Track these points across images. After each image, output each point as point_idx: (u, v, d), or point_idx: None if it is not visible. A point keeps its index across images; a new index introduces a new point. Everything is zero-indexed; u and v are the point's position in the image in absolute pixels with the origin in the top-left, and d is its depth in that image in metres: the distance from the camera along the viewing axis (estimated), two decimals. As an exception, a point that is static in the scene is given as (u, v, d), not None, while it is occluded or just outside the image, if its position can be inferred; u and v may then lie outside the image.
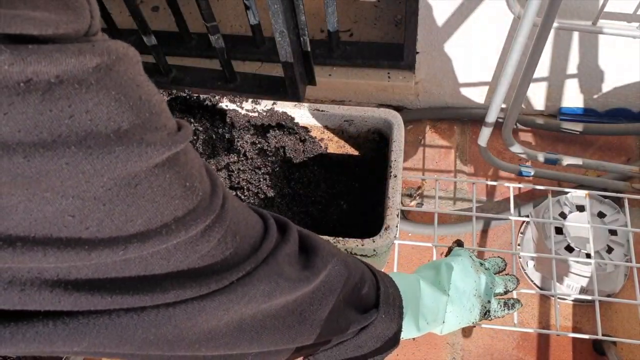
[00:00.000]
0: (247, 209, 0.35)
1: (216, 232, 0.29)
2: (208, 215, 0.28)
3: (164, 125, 0.25)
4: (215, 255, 0.30)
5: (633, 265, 0.74)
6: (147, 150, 0.24)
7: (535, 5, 0.71)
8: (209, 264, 0.29)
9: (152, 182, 0.25)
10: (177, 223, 0.26)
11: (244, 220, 0.33)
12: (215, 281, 0.29)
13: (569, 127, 1.13)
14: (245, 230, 0.32)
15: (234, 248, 0.31)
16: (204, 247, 0.28)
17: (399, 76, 1.16)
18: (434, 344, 1.01)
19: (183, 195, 0.27)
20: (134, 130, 0.23)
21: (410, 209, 1.09)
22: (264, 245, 0.33)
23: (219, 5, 1.33)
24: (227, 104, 0.69)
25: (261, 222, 0.35)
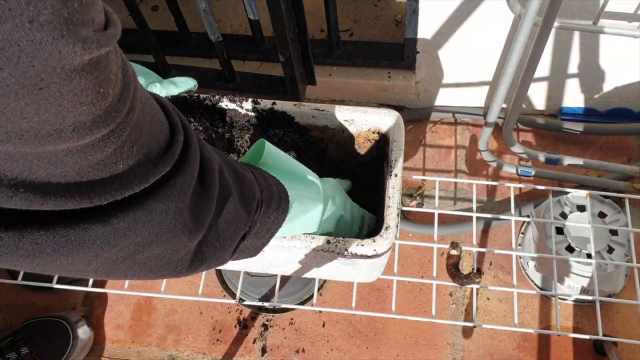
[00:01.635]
0: (157, 115, 0.31)
1: (112, 141, 0.26)
2: (109, 123, 0.25)
3: (92, 19, 0.21)
4: (107, 165, 0.27)
5: (634, 265, 0.73)
6: (64, 50, 0.20)
7: (535, 4, 0.71)
8: (97, 175, 0.26)
9: (62, 85, 0.21)
10: (75, 128, 0.23)
11: (149, 129, 0.29)
12: (99, 194, 0.26)
13: (570, 127, 1.13)
14: (146, 140, 0.29)
15: (127, 160, 0.28)
16: (96, 156, 0.25)
17: (399, 76, 1.16)
18: (434, 344, 1.01)
19: (93, 102, 0.23)
20: (54, 20, 0.19)
21: (410, 209, 1.08)
22: (158, 166, 0.30)
23: (219, 5, 1.33)
24: (227, 103, 0.69)
25: (168, 135, 0.32)
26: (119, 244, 0.29)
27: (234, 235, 0.40)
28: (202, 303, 1.08)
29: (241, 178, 0.41)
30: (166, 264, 0.35)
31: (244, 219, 0.40)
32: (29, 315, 1.06)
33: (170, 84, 0.66)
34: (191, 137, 0.34)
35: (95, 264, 0.30)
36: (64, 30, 0.20)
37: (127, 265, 0.33)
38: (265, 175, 0.47)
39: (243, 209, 0.40)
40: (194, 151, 0.33)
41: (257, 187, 0.43)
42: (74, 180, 0.26)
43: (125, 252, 0.31)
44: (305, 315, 1.06)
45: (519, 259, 1.07)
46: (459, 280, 0.71)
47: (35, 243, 0.25)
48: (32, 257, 0.26)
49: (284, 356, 1.03)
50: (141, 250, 0.32)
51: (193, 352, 1.05)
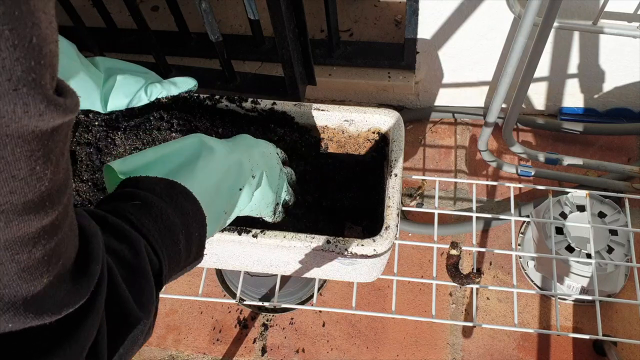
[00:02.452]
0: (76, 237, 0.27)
1: (44, 243, 0.23)
2: (43, 216, 0.22)
3: (47, 83, 0.20)
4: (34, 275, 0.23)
5: (633, 265, 0.73)
6: (4, 111, 0.19)
7: (535, 4, 0.71)
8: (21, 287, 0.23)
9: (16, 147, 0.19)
10: (3, 210, 0.20)
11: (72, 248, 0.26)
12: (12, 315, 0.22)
13: (570, 127, 1.13)
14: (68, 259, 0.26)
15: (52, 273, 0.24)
16: (24, 257, 0.22)
17: (399, 76, 1.16)
18: (434, 344, 1.01)
19: (26, 179, 0.21)
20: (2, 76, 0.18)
21: (410, 209, 1.09)
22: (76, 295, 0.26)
23: (219, 5, 1.33)
24: (227, 103, 0.69)
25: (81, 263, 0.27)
26: None
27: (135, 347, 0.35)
28: (202, 303, 1.08)
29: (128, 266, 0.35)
30: None
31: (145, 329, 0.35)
32: (29, 315, 1.06)
33: (171, 84, 0.66)
34: (104, 271, 0.30)
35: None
36: (10, 89, 0.19)
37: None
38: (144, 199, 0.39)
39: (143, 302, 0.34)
40: (103, 290, 0.29)
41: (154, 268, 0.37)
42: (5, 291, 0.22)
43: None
44: (305, 315, 1.06)
45: (519, 258, 1.07)
46: (458, 280, 0.71)
47: None
48: None
49: (284, 356, 1.03)
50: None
51: (193, 352, 1.05)
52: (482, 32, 1.01)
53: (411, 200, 1.14)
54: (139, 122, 0.63)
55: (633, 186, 1.03)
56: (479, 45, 1.04)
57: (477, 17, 0.98)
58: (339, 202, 0.72)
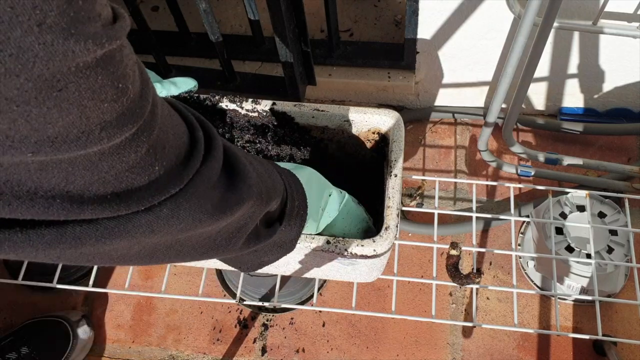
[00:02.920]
0: (175, 116, 0.32)
1: (144, 140, 0.26)
2: (136, 121, 0.25)
3: (99, 14, 0.21)
4: (144, 168, 0.27)
5: (633, 265, 0.73)
6: (76, 48, 0.20)
7: (535, 4, 0.71)
8: (135, 179, 0.26)
9: (80, 84, 0.21)
10: (102, 128, 0.23)
11: (172, 129, 0.30)
12: (136, 201, 0.27)
13: (570, 127, 1.13)
14: (173, 141, 0.29)
15: (161, 161, 0.28)
16: (131, 157, 0.25)
17: (399, 76, 1.16)
18: (434, 344, 1.01)
19: (114, 98, 0.23)
20: (61, 21, 0.20)
21: (410, 209, 1.09)
22: (190, 164, 0.30)
23: (219, 5, 1.33)
24: (227, 103, 0.69)
25: (188, 134, 0.32)
26: (162, 230, 0.30)
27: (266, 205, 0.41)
28: (203, 303, 1.08)
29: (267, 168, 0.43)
30: (207, 239, 0.36)
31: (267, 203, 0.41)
32: (29, 315, 1.06)
33: (171, 84, 0.66)
34: (209, 128, 0.34)
35: (137, 249, 0.30)
36: (72, 29, 0.20)
37: (167, 246, 0.33)
38: (292, 186, 0.48)
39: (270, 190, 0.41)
40: (217, 141, 0.34)
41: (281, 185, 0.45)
42: (112, 187, 0.25)
43: (168, 237, 0.31)
44: (305, 315, 1.06)
45: (519, 259, 1.07)
46: (458, 280, 0.71)
47: (78, 237, 0.25)
48: (74, 248, 0.26)
49: (284, 356, 1.03)
50: (183, 233, 0.32)
51: (193, 352, 1.05)
52: (482, 32, 1.01)
53: (411, 200, 1.14)
54: (139, 122, 0.63)
55: (633, 186, 1.03)
56: (479, 45, 1.04)
57: (477, 17, 0.98)
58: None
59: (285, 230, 0.46)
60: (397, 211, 0.61)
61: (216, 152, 0.33)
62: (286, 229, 0.46)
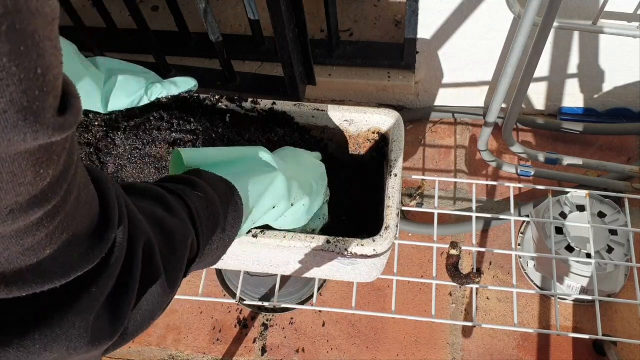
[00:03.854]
0: (93, 205, 0.29)
1: (46, 226, 0.24)
2: (44, 205, 0.24)
3: (50, 106, 0.21)
4: (36, 251, 0.25)
5: (633, 265, 0.74)
6: (15, 140, 0.20)
7: (535, 4, 0.71)
8: (25, 261, 0.25)
9: (5, 168, 0.20)
10: (11, 210, 0.22)
11: (81, 218, 0.28)
12: (19, 285, 0.25)
13: (570, 127, 1.13)
14: (77, 229, 0.27)
15: (54, 246, 0.26)
16: (28, 240, 0.24)
17: (399, 76, 1.16)
18: (434, 344, 1.01)
19: (31, 182, 0.22)
20: (10, 110, 0.19)
21: (410, 209, 1.09)
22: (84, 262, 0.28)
23: (219, 5, 1.33)
24: (227, 103, 0.69)
25: (97, 229, 0.29)
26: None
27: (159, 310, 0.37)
28: (203, 303, 1.08)
29: (171, 237, 0.38)
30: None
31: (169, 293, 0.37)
32: (30, 315, 1.06)
33: (171, 84, 0.66)
34: (123, 236, 0.31)
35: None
36: (19, 120, 0.19)
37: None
38: (203, 189, 0.42)
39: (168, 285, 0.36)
40: (120, 253, 0.31)
41: (191, 231, 0.40)
42: (1, 269, 0.24)
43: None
44: (305, 315, 1.06)
45: (519, 258, 1.07)
46: (458, 280, 0.71)
47: None
48: None
49: (284, 356, 1.03)
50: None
51: (193, 352, 1.05)
52: (482, 32, 1.01)
53: (411, 200, 1.14)
54: (139, 122, 0.63)
55: (633, 186, 1.03)
56: (479, 45, 1.04)
57: (477, 17, 0.98)
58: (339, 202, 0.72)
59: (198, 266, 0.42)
60: (397, 211, 0.61)
61: (113, 269, 0.30)
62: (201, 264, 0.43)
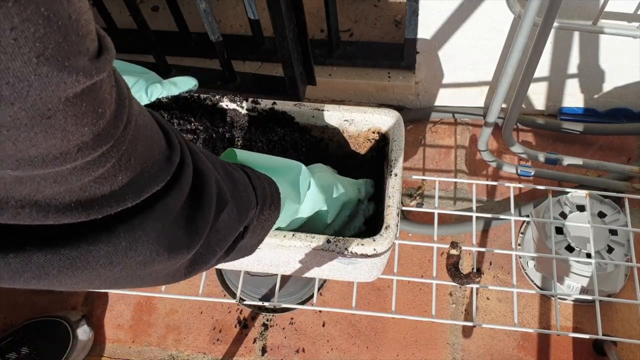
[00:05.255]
0: (153, 129, 0.32)
1: (113, 155, 0.27)
2: (108, 140, 0.26)
3: (87, 49, 0.23)
4: (107, 178, 0.28)
5: (633, 265, 0.74)
6: (68, 80, 0.22)
7: (535, 4, 0.71)
8: (98, 189, 0.27)
9: (67, 112, 0.23)
10: (79, 149, 0.25)
11: (143, 141, 0.30)
12: (95, 208, 0.28)
13: (570, 127, 1.13)
14: (142, 152, 0.30)
15: (125, 171, 0.29)
16: (98, 170, 0.27)
17: (399, 76, 1.16)
18: (434, 344, 1.01)
19: (92, 122, 0.25)
20: (57, 54, 0.21)
21: (410, 209, 1.09)
22: (153, 182, 0.31)
23: (219, 5, 1.33)
24: (227, 103, 0.69)
25: (162, 151, 0.32)
26: (121, 263, 0.31)
27: (228, 239, 0.41)
28: (203, 303, 1.08)
29: (236, 183, 0.42)
30: (165, 275, 0.37)
31: (237, 224, 0.41)
32: (29, 315, 1.06)
33: (171, 84, 0.66)
34: (186, 157, 0.35)
35: (98, 282, 0.31)
36: (65, 62, 0.21)
37: (128, 281, 0.34)
38: (258, 175, 0.48)
39: (237, 214, 0.41)
40: (188, 172, 0.34)
41: (251, 189, 0.45)
42: (77, 196, 0.27)
43: (127, 270, 0.32)
44: (305, 315, 1.06)
45: (519, 258, 1.07)
46: (458, 280, 0.71)
47: (42, 266, 0.27)
48: (37, 278, 0.27)
49: (284, 356, 1.03)
50: (142, 267, 0.33)
51: (193, 352, 1.05)
52: (482, 32, 1.01)
53: (411, 200, 1.14)
54: (139, 122, 0.63)
55: (633, 186, 1.03)
56: (479, 45, 1.04)
57: (477, 17, 0.98)
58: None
59: (245, 242, 0.46)
60: (397, 211, 0.61)
61: (183, 183, 0.34)
62: (247, 240, 0.46)
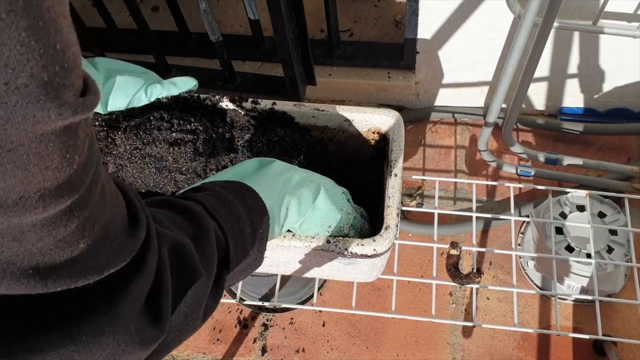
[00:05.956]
0: (118, 199, 0.30)
1: (76, 215, 0.25)
2: (73, 193, 0.24)
3: (72, 84, 0.21)
4: (69, 243, 0.25)
5: (633, 265, 0.73)
6: (38, 115, 0.20)
7: (535, 4, 0.71)
8: (58, 254, 0.25)
9: (30, 149, 0.20)
10: (40, 196, 0.22)
11: (110, 210, 0.28)
12: (54, 279, 0.25)
13: (570, 127, 1.13)
14: (107, 221, 0.27)
15: (87, 239, 0.26)
16: (60, 231, 0.24)
17: (399, 76, 1.16)
18: (434, 344, 1.01)
19: (58, 167, 0.22)
20: (31, 84, 0.19)
21: (410, 209, 1.09)
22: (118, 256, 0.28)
23: (219, 5, 1.33)
24: (227, 103, 0.69)
25: (127, 226, 0.30)
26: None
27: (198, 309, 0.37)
28: (202, 303, 1.08)
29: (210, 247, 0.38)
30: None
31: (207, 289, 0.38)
32: (30, 315, 1.06)
33: (171, 84, 0.66)
34: (152, 233, 0.32)
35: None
36: (41, 95, 0.19)
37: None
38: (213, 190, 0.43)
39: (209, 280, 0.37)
40: (153, 251, 0.32)
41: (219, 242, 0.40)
42: (35, 261, 0.24)
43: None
44: (305, 314, 1.06)
45: (519, 258, 1.07)
46: (458, 280, 0.71)
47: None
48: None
49: (284, 356, 1.03)
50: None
51: (193, 352, 1.05)
52: (482, 32, 1.01)
53: (411, 200, 1.14)
54: (139, 122, 0.63)
55: (633, 186, 1.03)
56: (479, 45, 1.04)
57: (477, 17, 0.98)
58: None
59: (231, 276, 0.43)
60: (397, 211, 0.61)
61: (149, 264, 0.31)
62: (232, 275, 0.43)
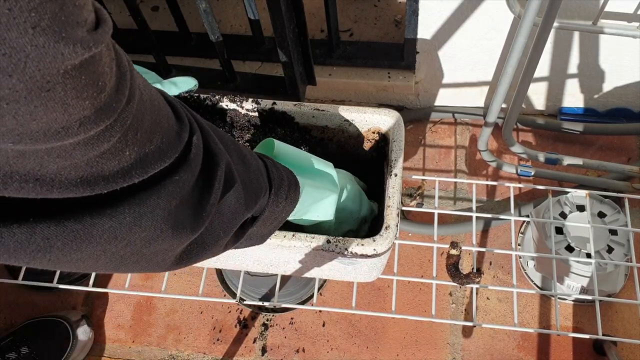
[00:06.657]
0: (159, 104, 0.32)
1: (117, 130, 0.27)
2: (112, 114, 0.26)
3: (85, 20, 0.23)
4: (114, 154, 0.28)
5: (633, 265, 0.74)
6: (65, 51, 0.21)
7: (535, 4, 0.71)
8: (105, 164, 0.28)
9: (66, 84, 0.23)
10: (81, 123, 0.24)
11: (150, 116, 0.30)
12: (100, 183, 0.28)
13: (570, 127, 1.13)
14: (149, 127, 0.30)
15: (132, 146, 0.29)
16: (103, 145, 0.27)
17: (399, 76, 1.16)
18: (434, 343, 1.01)
19: (93, 96, 0.25)
20: (54, 25, 0.21)
21: (410, 209, 1.09)
22: (160, 160, 0.31)
23: (219, 5, 1.33)
24: (227, 103, 0.69)
25: (173, 130, 0.33)
26: (126, 238, 0.31)
27: (233, 224, 0.41)
28: (203, 303, 1.08)
29: (248, 167, 0.43)
30: (170, 257, 0.37)
31: (243, 209, 0.41)
32: (29, 315, 1.06)
33: (171, 84, 0.66)
34: (196, 135, 0.35)
35: (104, 259, 0.32)
36: (62, 32, 0.21)
37: (134, 260, 0.34)
38: (277, 166, 0.48)
39: (245, 198, 0.41)
40: (198, 150, 0.34)
41: (265, 176, 0.45)
42: (82, 172, 0.27)
43: (132, 247, 0.32)
44: (305, 314, 1.06)
45: (519, 258, 1.07)
46: (458, 280, 0.71)
47: (46, 238, 0.27)
48: (43, 252, 0.27)
49: (284, 356, 1.03)
50: (147, 245, 0.33)
51: (193, 352, 1.05)
52: (482, 32, 1.01)
53: (411, 200, 1.14)
54: (139, 122, 0.63)
55: (633, 186, 1.03)
56: (479, 45, 1.04)
57: (477, 17, 0.98)
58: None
59: (256, 229, 0.46)
60: (397, 211, 0.61)
61: (192, 164, 0.34)
62: (258, 228, 0.46)
